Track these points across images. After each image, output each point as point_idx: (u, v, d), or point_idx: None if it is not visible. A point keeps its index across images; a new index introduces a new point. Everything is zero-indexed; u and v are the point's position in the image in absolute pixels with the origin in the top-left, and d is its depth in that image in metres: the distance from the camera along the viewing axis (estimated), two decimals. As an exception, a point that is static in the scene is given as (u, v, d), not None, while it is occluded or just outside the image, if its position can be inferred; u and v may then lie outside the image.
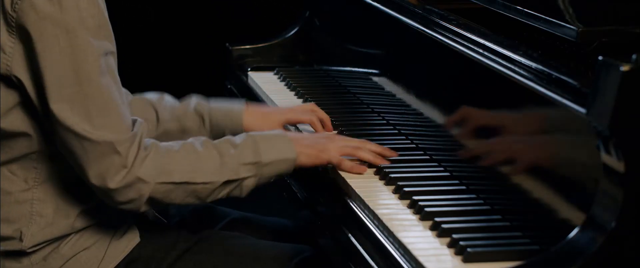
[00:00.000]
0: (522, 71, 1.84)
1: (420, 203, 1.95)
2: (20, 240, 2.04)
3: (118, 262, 2.12)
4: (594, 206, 1.63)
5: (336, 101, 2.63)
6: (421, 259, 1.75)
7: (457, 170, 2.12)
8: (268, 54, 3.02)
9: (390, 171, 2.13)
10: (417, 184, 2.06)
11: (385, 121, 2.47)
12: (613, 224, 1.58)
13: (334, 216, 2.06)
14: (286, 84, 2.79)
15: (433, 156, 2.22)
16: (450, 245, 1.79)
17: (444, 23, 2.17)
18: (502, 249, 1.76)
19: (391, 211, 1.96)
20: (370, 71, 2.63)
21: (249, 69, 2.95)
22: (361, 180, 2.12)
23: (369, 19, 2.60)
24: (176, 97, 2.41)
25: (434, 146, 2.23)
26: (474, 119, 2.07)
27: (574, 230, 1.64)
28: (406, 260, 1.78)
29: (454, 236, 1.79)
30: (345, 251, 1.96)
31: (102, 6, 1.98)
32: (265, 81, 2.83)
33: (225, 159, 2.04)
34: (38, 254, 2.06)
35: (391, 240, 1.86)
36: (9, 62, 1.94)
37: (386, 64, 2.55)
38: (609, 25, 1.91)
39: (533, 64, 1.83)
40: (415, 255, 1.76)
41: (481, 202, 1.98)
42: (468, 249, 1.74)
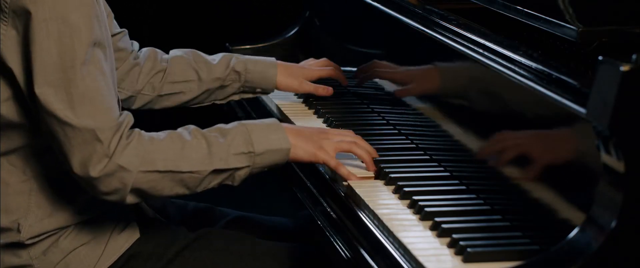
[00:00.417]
0: (522, 71, 1.84)
1: (420, 203, 1.95)
2: (18, 231, 2.05)
3: (117, 258, 2.13)
4: (594, 206, 1.63)
5: (336, 101, 2.63)
6: (421, 259, 1.74)
7: (457, 170, 2.12)
8: (268, 54, 3.01)
9: (390, 171, 2.13)
10: (417, 184, 2.06)
11: (385, 121, 2.47)
12: (613, 224, 1.58)
13: (334, 216, 2.06)
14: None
15: (433, 156, 2.22)
16: (450, 245, 1.79)
17: (444, 23, 2.17)
18: (502, 249, 1.76)
19: (391, 211, 1.96)
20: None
21: (249, 69, 2.94)
22: (361, 179, 2.12)
23: (369, 19, 2.60)
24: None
25: (434, 146, 2.23)
26: (474, 120, 2.07)
27: (574, 230, 1.64)
28: (406, 260, 1.78)
29: (454, 236, 1.79)
30: (344, 251, 1.95)
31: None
32: (265, 81, 2.83)
33: (213, 149, 2.03)
34: (37, 248, 2.07)
35: (391, 240, 1.86)
36: (1, 49, 1.96)
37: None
38: (609, 25, 1.91)
39: (533, 64, 1.83)
40: (415, 255, 1.76)
41: (481, 202, 1.98)
42: (468, 249, 1.74)
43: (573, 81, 1.71)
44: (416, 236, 1.85)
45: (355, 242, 1.93)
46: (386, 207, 1.98)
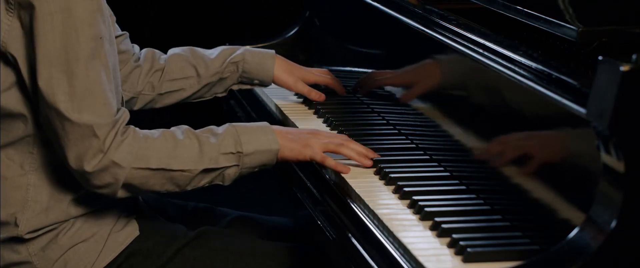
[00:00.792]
0: (522, 71, 1.84)
1: (420, 203, 1.95)
2: (15, 225, 2.06)
3: (116, 255, 2.13)
4: (594, 206, 1.63)
5: (336, 101, 2.63)
6: (421, 259, 1.74)
7: (457, 170, 2.12)
8: (268, 54, 3.02)
9: (390, 171, 2.13)
10: (417, 184, 2.06)
11: (385, 121, 2.47)
12: (613, 224, 1.58)
13: (334, 216, 2.06)
14: (286, 85, 2.79)
15: (433, 156, 2.22)
16: (450, 245, 1.79)
17: (444, 23, 2.17)
18: (502, 249, 1.76)
19: (391, 211, 1.96)
20: (370, 71, 2.63)
21: (249, 69, 2.94)
22: (361, 179, 2.12)
23: (369, 19, 2.60)
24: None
25: (434, 146, 2.23)
26: (474, 120, 2.06)
27: (574, 230, 1.64)
28: (406, 260, 1.78)
29: (454, 236, 1.79)
30: (344, 251, 1.95)
31: None
32: (265, 81, 2.83)
33: (204, 148, 2.06)
34: (36, 244, 2.07)
35: (391, 240, 1.86)
36: (6, 40, 1.98)
37: (386, 64, 2.54)
38: (609, 25, 1.91)
39: (533, 64, 1.83)
40: (415, 255, 1.76)
41: (481, 202, 1.98)
42: (468, 249, 1.74)
43: (573, 81, 1.71)
44: (416, 236, 1.85)
45: (355, 242, 1.93)
46: (386, 207, 1.98)
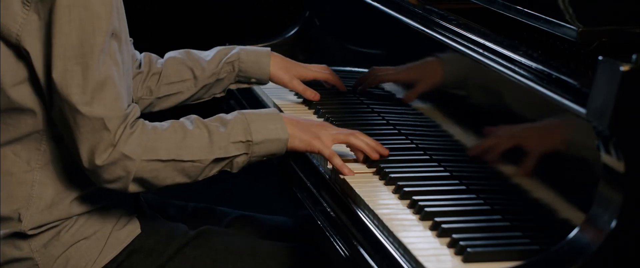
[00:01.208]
0: (522, 71, 1.84)
1: (420, 203, 1.95)
2: (19, 220, 2.07)
3: (118, 252, 2.14)
4: (594, 206, 1.63)
5: (336, 101, 2.63)
6: (421, 259, 1.74)
7: (457, 170, 2.12)
8: (268, 54, 3.02)
9: (390, 171, 2.13)
10: (417, 184, 2.06)
11: (385, 121, 2.47)
12: (613, 224, 1.58)
13: (334, 215, 2.06)
14: (286, 84, 2.79)
15: (433, 156, 2.22)
16: (450, 245, 1.79)
17: (444, 23, 2.17)
18: (502, 249, 1.76)
19: (391, 211, 1.96)
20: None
21: (249, 69, 2.94)
22: (361, 179, 2.12)
23: (369, 19, 2.60)
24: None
25: (434, 146, 2.23)
26: (474, 119, 2.06)
27: (574, 230, 1.64)
28: (406, 260, 1.78)
29: (454, 236, 1.79)
30: (345, 251, 1.95)
31: None
32: (265, 81, 2.83)
33: (214, 137, 2.06)
34: (38, 240, 2.08)
35: (391, 240, 1.86)
36: (20, 33, 1.99)
37: (386, 64, 2.54)
38: (609, 25, 1.91)
39: (533, 64, 1.83)
40: (415, 255, 1.76)
41: (481, 202, 1.98)
42: (468, 249, 1.74)
43: (573, 81, 1.71)
44: (416, 236, 1.85)
45: (355, 242, 1.93)
46: (386, 207, 1.98)
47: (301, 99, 2.68)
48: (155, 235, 2.18)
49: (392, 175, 2.11)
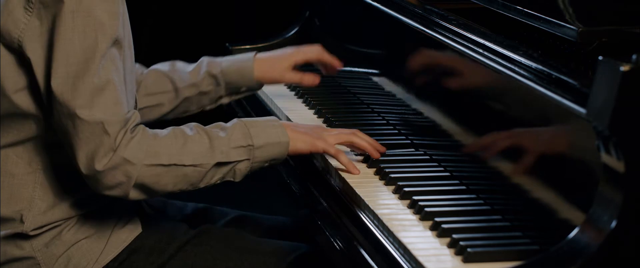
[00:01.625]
0: (522, 71, 1.84)
1: (420, 203, 1.95)
2: (21, 221, 2.07)
3: (119, 252, 2.14)
4: (594, 206, 1.63)
5: (336, 101, 2.63)
6: (421, 259, 1.75)
7: (457, 170, 2.12)
8: (268, 54, 3.02)
9: (390, 171, 2.13)
10: (417, 184, 2.06)
11: (385, 121, 2.47)
12: (613, 224, 1.58)
13: (333, 215, 2.06)
14: (286, 84, 2.79)
15: (433, 156, 2.22)
16: (450, 245, 1.79)
17: (444, 23, 2.17)
18: (502, 249, 1.76)
19: (391, 211, 1.97)
20: (370, 71, 2.63)
21: (249, 69, 2.94)
22: (361, 179, 2.12)
23: (369, 19, 2.60)
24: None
25: (434, 146, 2.23)
26: (474, 119, 2.07)
27: (574, 230, 1.64)
28: (406, 260, 1.78)
29: (454, 236, 1.79)
30: (344, 250, 1.96)
31: None
32: (265, 81, 2.83)
33: (214, 142, 2.05)
34: (40, 240, 2.08)
35: (391, 240, 1.86)
36: (21, 38, 1.98)
37: (386, 64, 2.55)
38: (609, 25, 1.91)
39: (533, 64, 1.83)
40: (415, 255, 1.76)
41: (481, 202, 1.98)
42: (468, 249, 1.74)
43: (573, 81, 1.71)
44: (416, 236, 1.85)
45: (354, 242, 1.93)
46: (386, 207, 1.98)
47: (301, 99, 2.68)
48: (156, 234, 2.18)
49: (393, 175, 2.11)
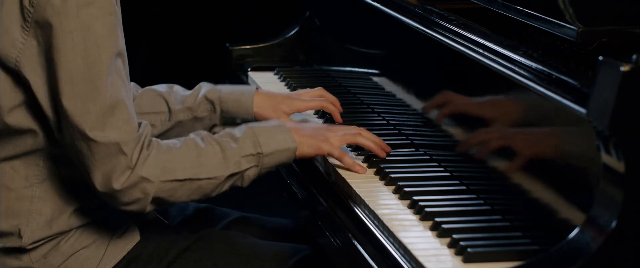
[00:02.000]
0: (522, 71, 1.84)
1: (420, 203, 1.95)
2: (19, 236, 2.05)
3: (118, 261, 2.12)
4: (594, 206, 1.63)
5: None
6: (421, 259, 1.75)
7: (458, 170, 2.12)
8: (268, 54, 3.02)
9: (390, 171, 2.13)
10: (418, 184, 2.06)
11: (385, 121, 2.47)
12: (613, 224, 1.58)
13: (334, 216, 2.06)
14: (286, 84, 2.79)
15: (433, 156, 2.22)
16: (450, 245, 1.79)
17: (444, 23, 2.17)
18: (503, 249, 1.76)
19: (391, 211, 1.97)
20: (370, 71, 2.63)
21: (249, 69, 2.95)
22: (361, 180, 2.12)
23: (369, 19, 2.60)
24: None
25: (434, 146, 2.23)
26: (474, 120, 2.06)
27: (574, 230, 1.64)
28: (406, 260, 1.78)
29: (455, 236, 1.79)
30: (345, 251, 1.96)
31: (117, 6, 1.99)
32: (265, 81, 2.83)
33: (227, 153, 2.04)
34: (38, 252, 2.07)
35: (391, 240, 1.86)
36: (19, 59, 1.95)
37: (386, 64, 2.55)
38: (609, 25, 1.91)
39: (533, 64, 1.83)
40: (415, 255, 1.76)
41: (481, 202, 1.98)
42: (468, 249, 1.74)
43: (573, 81, 1.71)
44: (416, 236, 1.85)
45: (355, 242, 1.93)
46: (386, 207, 1.98)
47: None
48: (154, 241, 2.17)
49: (393, 175, 2.11)
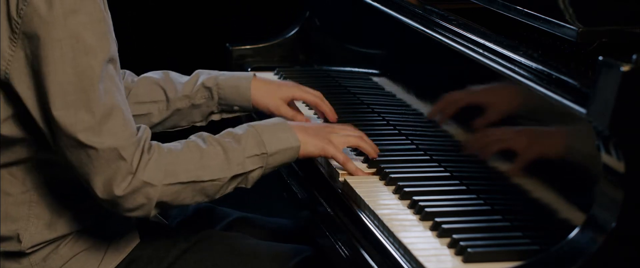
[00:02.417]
0: (522, 71, 1.84)
1: (420, 203, 1.95)
2: (18, 241, 2.04)
3: (118, 263, 2.12)
4: (594, 206, 1.63)
5: (336, 101, 2.62)
6: (421, 259, 1.75)
7: (457, 170, 2.12)
8: (268, 54, 3.02)
9: (390, 171, 2.13)
10: (418, 184, 2.06)
11: (385, 121, 2.47)
12: (613, 224, 1.58)
13: (334, 216, 2.06)
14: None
15: (433, 156, 2.22)
16: (450, 245, 1.79)
17: (444, 23, 2.17)
18: (503, 249, 1.76)
19: (391, 211, 1.97)
20: (370, 71, 2.63)
21: (249, 69, 2.95)
22: (361, 180, 2.12)
23: (369, 19, 2.60)
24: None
25: (434, 146, 2.23)
26: (474, 119, 2.06)
27: (574, 230, 1.64)
28: (406, 260, 1.78)
29: (455, 236, 1.79)
30: (345, 251, 1.96)
31: (106, 12, 1.97)
32: (265, 81, 2.83)
33: (230, 155, 2.03)
34: (37, 255, 2.06)
35: (391, 240, 1.86)
36: (8, 71, 1.93)
37: (386, 64, 2.55)
38: (609, 25, 1.91)
39: (533, 64, 1.83)
40: (415, 255, 1.76)
41: (481, 202, 1.98)
42: (468, 249, 1.74)
43: (573, 81, 1.71)
44: (416, 236, 1.85)
45: (355, 242, 1.93)
46: (386, 207, 1.98)
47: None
48: (154, 242, 2.16)
49: (393, 175, 2.11)
